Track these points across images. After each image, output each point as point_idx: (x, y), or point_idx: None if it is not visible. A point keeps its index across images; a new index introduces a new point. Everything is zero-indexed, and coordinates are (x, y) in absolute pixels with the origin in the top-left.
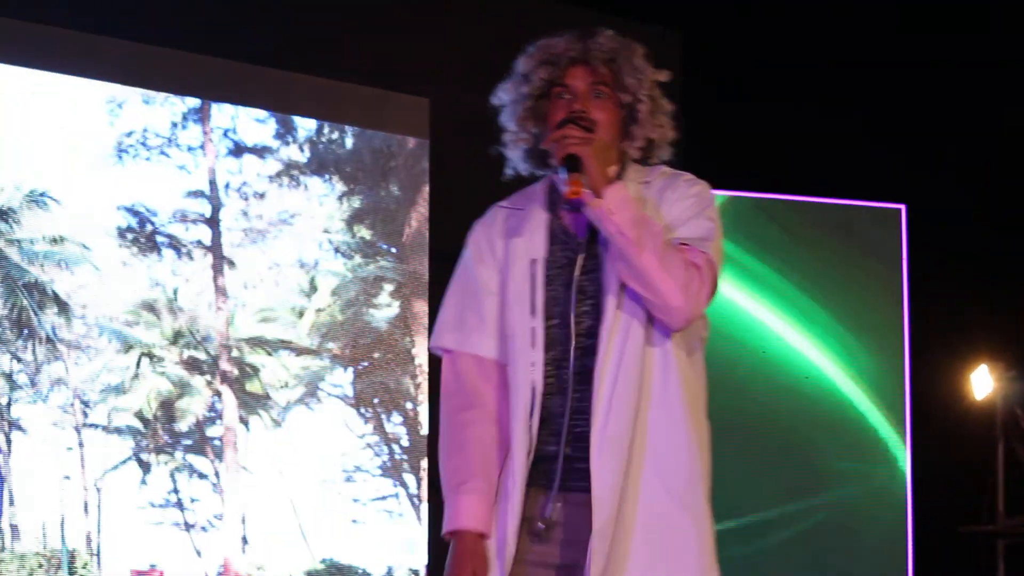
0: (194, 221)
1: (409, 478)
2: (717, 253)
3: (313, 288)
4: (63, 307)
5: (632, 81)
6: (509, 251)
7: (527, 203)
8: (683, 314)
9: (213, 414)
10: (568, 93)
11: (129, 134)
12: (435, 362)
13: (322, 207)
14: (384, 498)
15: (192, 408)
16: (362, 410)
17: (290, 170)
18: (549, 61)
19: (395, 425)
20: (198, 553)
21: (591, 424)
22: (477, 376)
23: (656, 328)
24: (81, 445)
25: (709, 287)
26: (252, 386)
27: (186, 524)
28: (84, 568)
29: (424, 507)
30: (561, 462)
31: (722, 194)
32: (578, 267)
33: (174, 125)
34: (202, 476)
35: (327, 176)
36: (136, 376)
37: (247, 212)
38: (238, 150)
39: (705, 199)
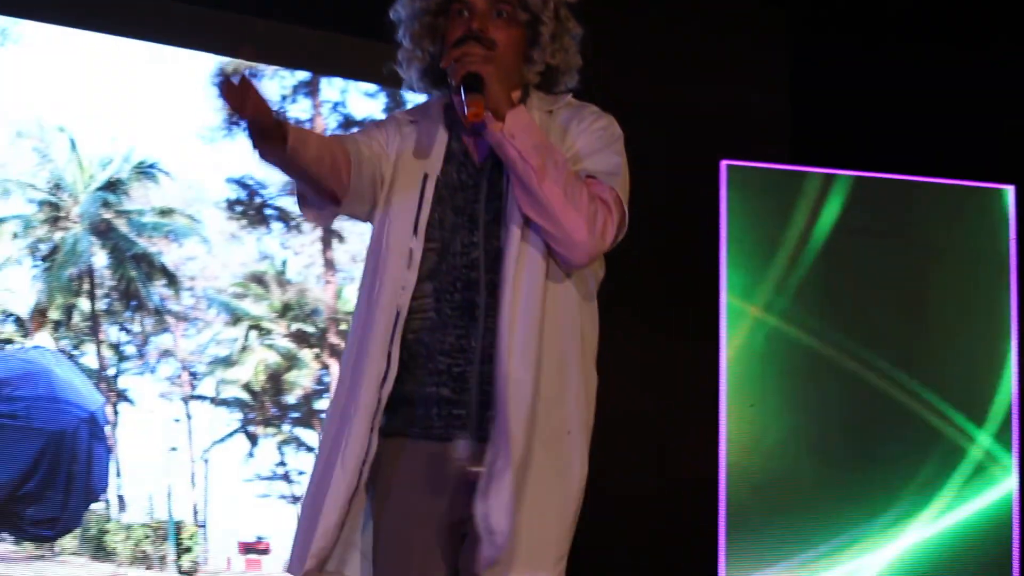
0: None
1: None
2: (624, 190)
3: None
4: (172, 279)
5: (535, 1)
6: (401, 158)
7: (422, 117)
8: (586, 249)
9: (320, 387)
10: (467, 10)
11: None
12: None
13: None
14: None
15: (300, 381)
16: None
17: None
18: None
19: None
20: None
21: (494, 366)
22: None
23: (555, 266)
24: (189, 417)
25: (616, 223)
26: None
27: (293, 496)
28: (191, 539)
29: None
30: (436, 405)
31: (823, 172)
32: (482, 193)
33: (284, 98)
34: (309, 449)
35: None
36: (244, 348)
37: None
38: (347, 123)
39: (613, 133)
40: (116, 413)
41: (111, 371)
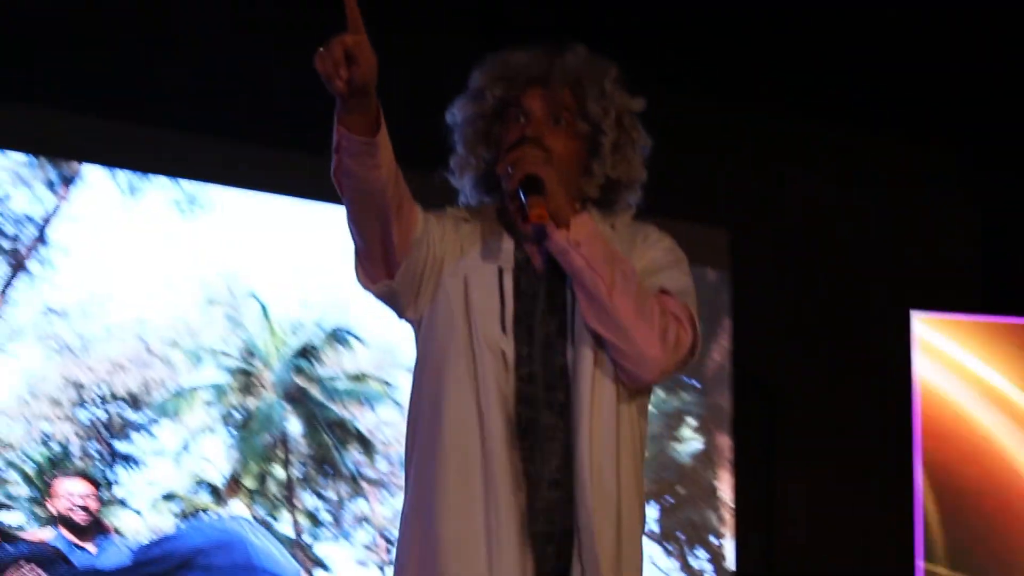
0: None
1: None
2: (697, 310)
3: None
4: (366, 444)
5: (596, 109)
6: (467, 255)
7: (478, 217)
8: (659, 365)
9: None
10: (523, 115)
11: None
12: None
13: None
14: None
15: None
16: (667, 545)
17: None
18: (506, 77)
19: (700, 560)
20: None
21: (574, 494)
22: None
23: (622, 386)
24: None
25: (689, 343)
26: None
27: None
28: None
29: None
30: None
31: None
32: (540, 302)
33: None
34: None
35: None
36: None
37: None
38: None
39: (680, 254)
40: None
41: (307, 538)
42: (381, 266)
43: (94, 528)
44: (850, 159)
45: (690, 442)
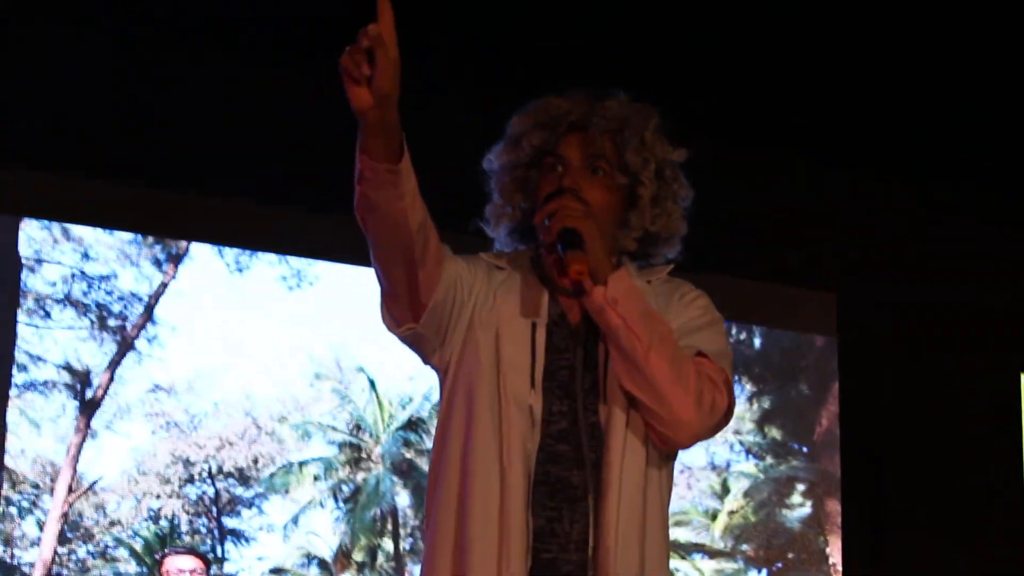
0: None
1: None
2: (732, 373)
3: (725, 490)
4: None
5: (636, 159)
6: (500, 306)
7: (512, 265)
8: (692, 430)
9: None
10: (561, 164)
11: None
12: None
13: None
14: None
15: None
16: None
17: None
18: (544, 124)
19: None
20: None
21: (598, 557)
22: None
23: (653, 448)
24: None
25: (725, 407)
26: None
27: None
28: None
29: None
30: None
31: None
32: (577, 359)
33: None
34: None
35: (736, 377)
36: None
37: None
38: None
39: (716, 314)
40: None
41: None
42: (407, 309)
43: None
44: (958, 220)
45: (799, 508)
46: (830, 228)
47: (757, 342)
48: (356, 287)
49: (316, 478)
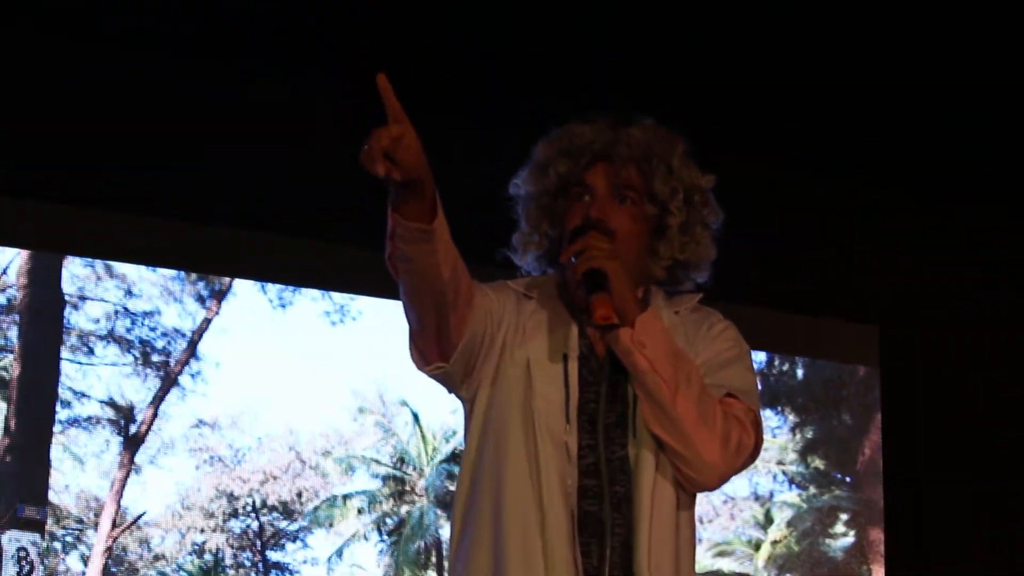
0: None
1: None
2: (759, 408)
3: (768, 520)
4: None
5: (663, 188)
6: (528, 334)
7: (540, 294)
8: (718, 472)
9: None
10: (588, 194)
11: None
12: None
13: (775, 439)
14: None
15: None
16: None
17: None
18: (569, 153)
19: None
20: None
21: None
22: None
23: (682, 489)
24: None
25: (751, 447)
26: None
27: None
28: None
29: None
30: None
31: None
32: (603, 392)
33: None
34: None
35: (779, 408)
36: None
37: None
38: None
39: (744, 346)
40: None
41: None
42: (436, 348)
43: None
44: (1000, 249)
45: (842, 537)
46: (871, 259)
47: (800, 372)
48: (399, 321)
49: (360, 511)
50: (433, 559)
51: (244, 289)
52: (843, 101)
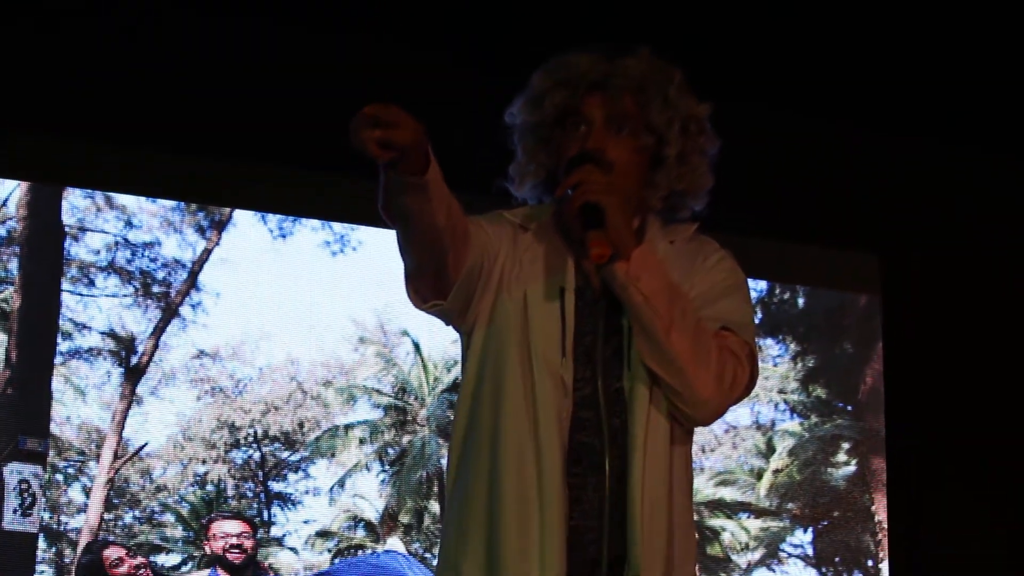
0: None
1: None
2: (754, 338)
3: (771, 449)
4: None
5: (660, 118)
6: (524, 267)
7: (535, 225)
8: (712, 408)
9: None
10: (584, 124)
11: None
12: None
13: (777, 368)
14: None
15: None
16: (823, 569)
17: None
18: (565, 83)
19: None
20: None
21: (625, 523)
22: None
23: (677, 422)
24: None
25: (746, 381)
26: (713, 550)
27: None
28: None
29: None
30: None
31: None
32: (600, 323)
33: None
34: None
35: (780, 337)
36: None
37: None
38: None
39: (740, 276)
40: None
41: None
42: (432, 287)
43: (250, 567)
44: (1005, 181)
45: (844, 466)
46: (872, 190)
47: (800, 301)
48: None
49: (362, 441)
50: (435, 488)
51: (244, 219)
52: (845, 36)
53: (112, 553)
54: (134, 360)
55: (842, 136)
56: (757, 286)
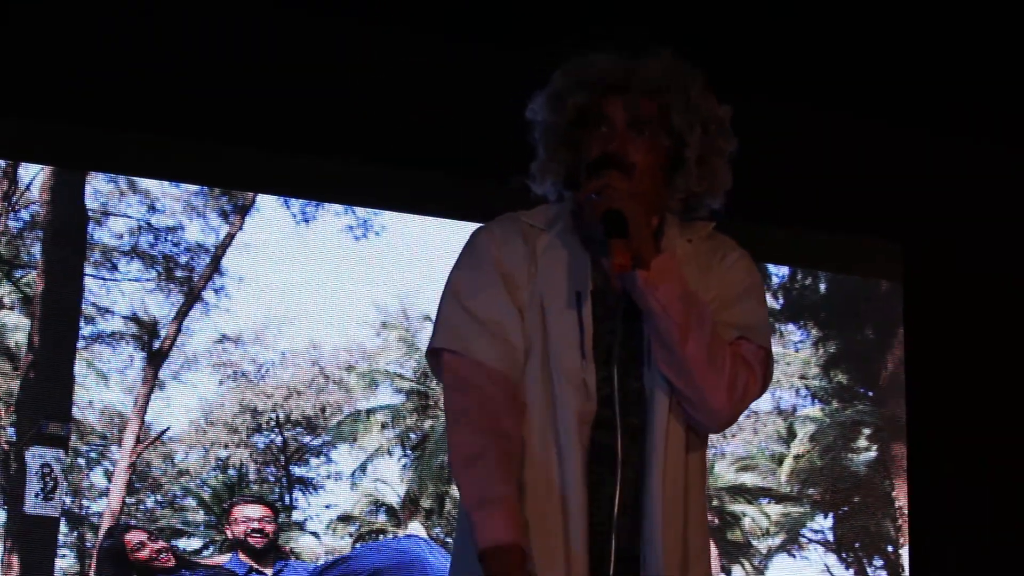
0: None
1: None
2: (770, 342)
3: (792, 435)
4: None
5: (681, 122)
6: (541, 272)
7: (553, 224)
8: (722, 417)
9: None
10: (606, 125)
11: None
12: (918, 503)
13: (798, 353)
14: None
15: None
16: (843, 555)
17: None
18: (587, 84)
19: (876, 569)
20: None
21: (640, 523)
22: (488, 382)
23: (693, 430)
24: None
25: (758, 389)
26: (734, 535)
27: None
28: None
29: None
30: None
31: None
32: (619, 325)
33: None
34: None
35: (802, 322)
36: None
37: None
38: None
39: (756, 277)
40: None
41: None
42: None
43: (272, 552)
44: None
45: (865, 452)
46: (895, 177)
47: (822, 287)
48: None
49: (383, 426)
50: None
51: (267, 204)
52: (869, 32)
53: (134, 537)
54: (156, 344)
55: (867, 127)
56: (779, 271)
